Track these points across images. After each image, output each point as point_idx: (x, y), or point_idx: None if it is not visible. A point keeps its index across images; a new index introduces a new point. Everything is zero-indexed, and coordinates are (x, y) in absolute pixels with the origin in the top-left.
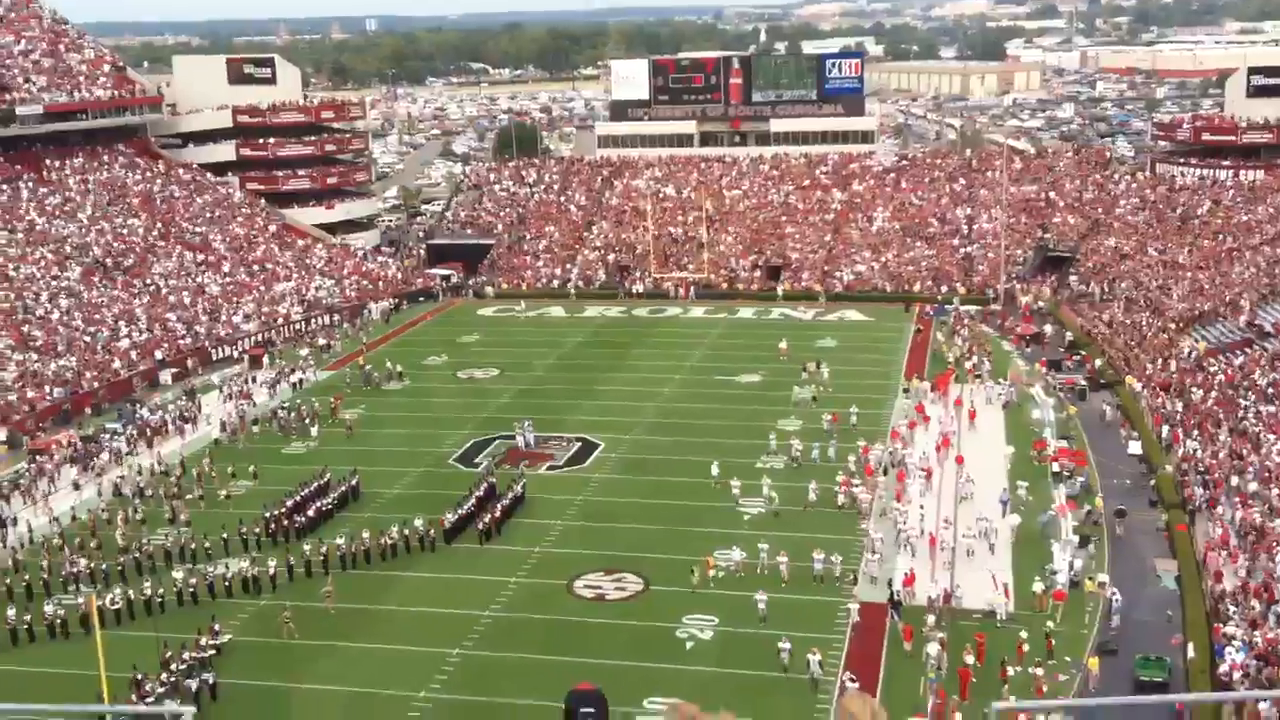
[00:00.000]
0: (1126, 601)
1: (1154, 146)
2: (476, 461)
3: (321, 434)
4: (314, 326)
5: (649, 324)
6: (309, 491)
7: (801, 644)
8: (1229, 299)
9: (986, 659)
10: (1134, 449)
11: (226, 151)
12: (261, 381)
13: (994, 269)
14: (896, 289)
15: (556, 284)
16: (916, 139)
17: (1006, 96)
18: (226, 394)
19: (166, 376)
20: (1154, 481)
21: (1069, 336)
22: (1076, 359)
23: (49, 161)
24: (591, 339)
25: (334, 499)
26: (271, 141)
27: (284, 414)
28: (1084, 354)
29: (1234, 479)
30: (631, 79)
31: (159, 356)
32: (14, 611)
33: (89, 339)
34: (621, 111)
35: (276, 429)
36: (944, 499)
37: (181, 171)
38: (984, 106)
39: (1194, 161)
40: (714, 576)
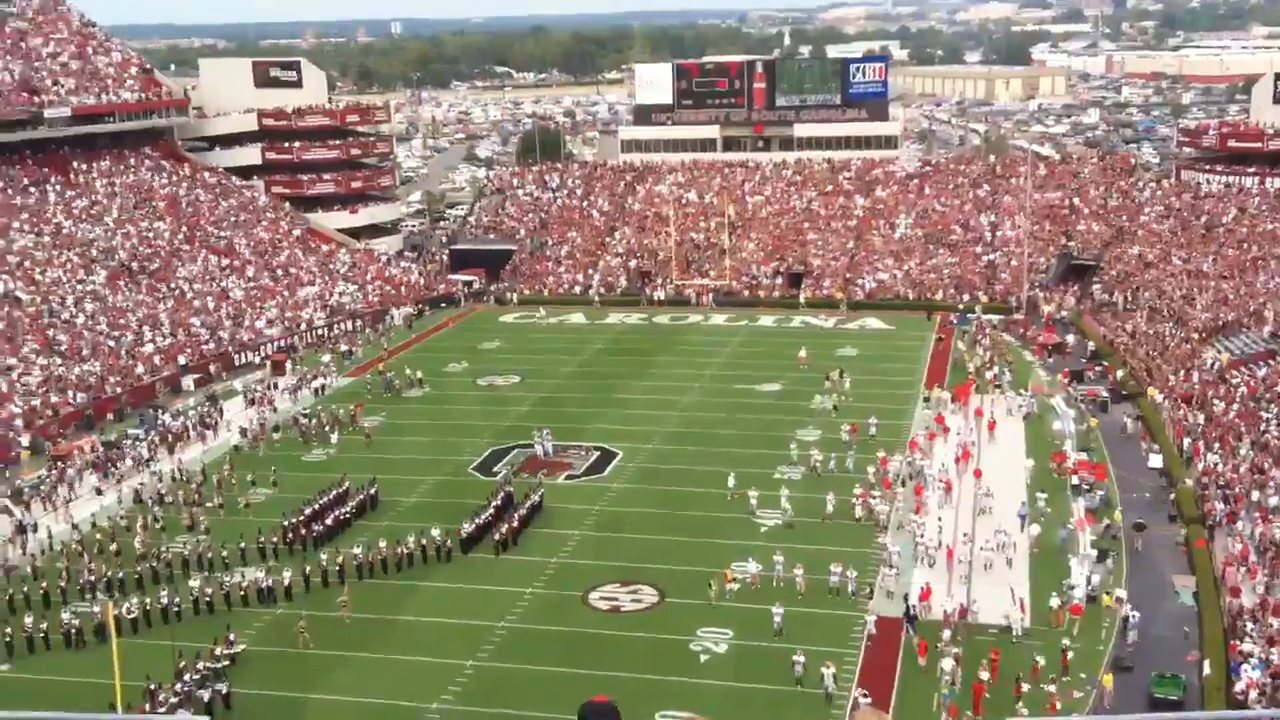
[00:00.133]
0: (1143, 617)
1: (1179, 153)
2: (495, 470)
3: (341, 441)
4: (337, 332)
5: (670, 331)
6: (328, 500)
7: (816, 657)
8: (1253, 309)
9: (1001, 675)
10: (1154, 462)
11: (252, 155)
12: (283, 387)
13: (1016, 277)
14: (919, 297)
15: (579, 290)
16: (941, 144)
17: (1031, 101)
18: (249, 399)
19: (189, 382)
20: (1174, 496)
21: (1091, 346)
22: (1098, 370)
23: (76, 164)
24: (612, 346)
25: (352, 507)
26: (297, 145)
27: (305, 420)
28: (1106, 365)
29: (1254, 494)
30: (655, 83)
31: (182, 361)
32: (31, 619)
33: (113, 343)
34: (645, 116)
35: (298, 435)
36: (962, 512)
37: (207, 175)
38: (1009, 111)
39: (1219, 168)
40: (731, 590)
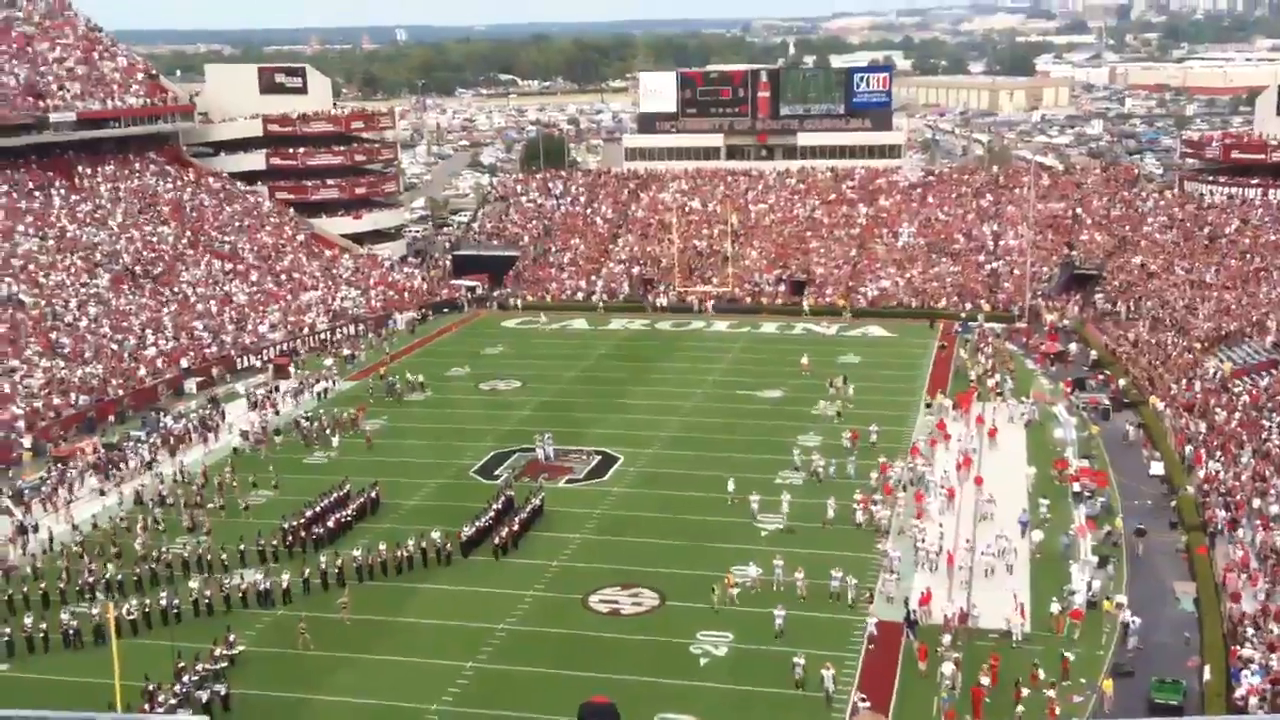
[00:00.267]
0: (1144, 623)
1: (1182, 164)
2: (496, 474)
3: (342, 444)
4: (339, 336)
5: (672, 338)
6: (329, 502)
7: (815, 661)
8: (1255, 319)
9: (1000, 680)
10: (1156, 469)
11: (257, 160)
12: (286, 391)
13: (1019, 286)
14: (921, 305)
15: (581, 296)
16: (944, 154)
17: (1035, 112)
18: (252, 402)
19: (191, 385)
20: (1175, 503)
21: (1093, 355)
22: (1101, 378)
23: (81, 169)
24: (614, 352)
25: (353, 510)
26: (301, 151)
27: (306, 423)
28: (1108, 373)
29: (1256, 501)
30: (659, 91)
31: (184, 365)
32: (30, 619)
33: (116, 346)
34: (649, 124)
35: (299, 438)
36: (964, 518)
37: (211, 180)
38: (1012, 122)
39: (1223, 180)
40: (732, 595)
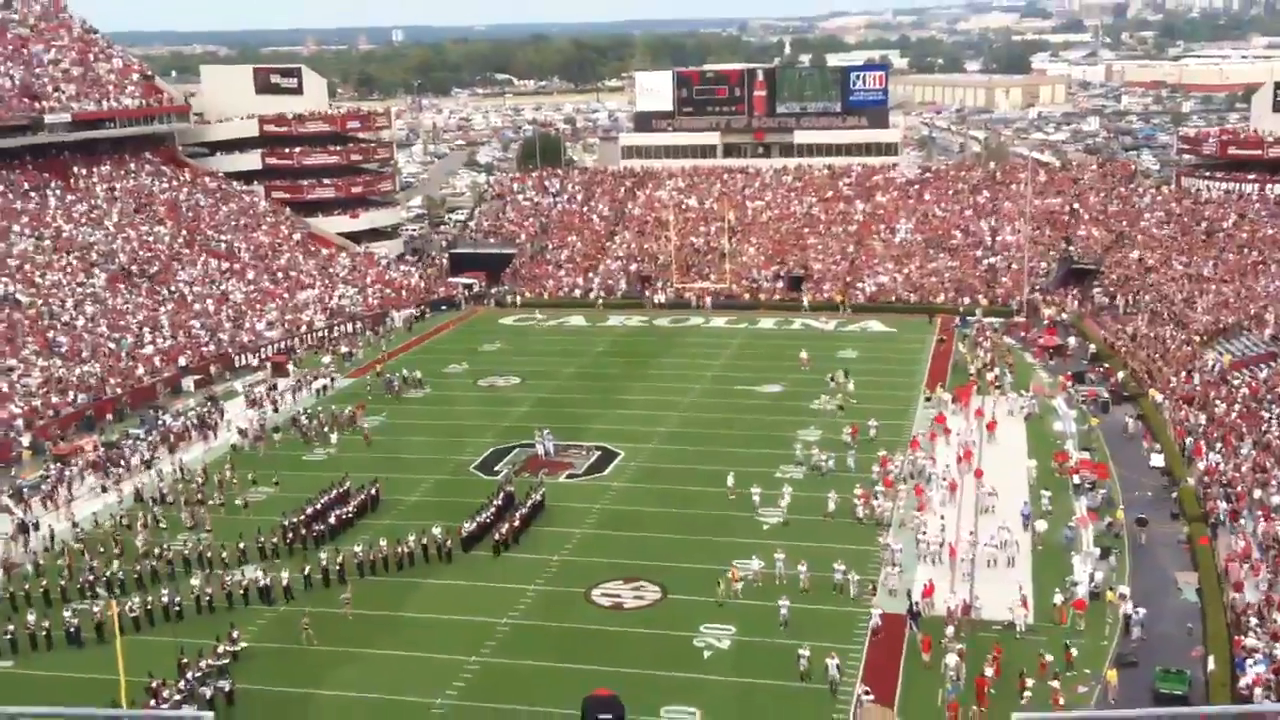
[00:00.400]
0: (1147, 614)
1: (1179, 160)
2: (496, 469)
3: (341, 441)
4: (337, 334)
5: (670, 333)
6: (329, 499)
7: (820, 652)
8: (1254, 312)
9: (1004, 671)
10: (1156, 461)
11: (253, 160)
12: (284, 388)
13: (1017, 281)
14: (919, 300)
15: (578, 293)
16: (941, 151)
17: (1031, 110)
18: (250, 400)
19: (189, 383)
20: (1176, 494)
21: (1092, 349)
22: (1100, 371)
23: (76, 169)
24: (612, 348)
25: (353, 507)
26: (297, 151)
27: (305, 420)
28: (1107, 366)
29: (1257, 492)
30: (656, 90)
31: (182, 363)
32: (34, 616)
33: (113, 345)
34: (645, 123)
35: (298, 435)
36: (965, 511)
37: (207, 180)
38: (1009, 120)
39: (1219, 176)
40: (736, 588)
